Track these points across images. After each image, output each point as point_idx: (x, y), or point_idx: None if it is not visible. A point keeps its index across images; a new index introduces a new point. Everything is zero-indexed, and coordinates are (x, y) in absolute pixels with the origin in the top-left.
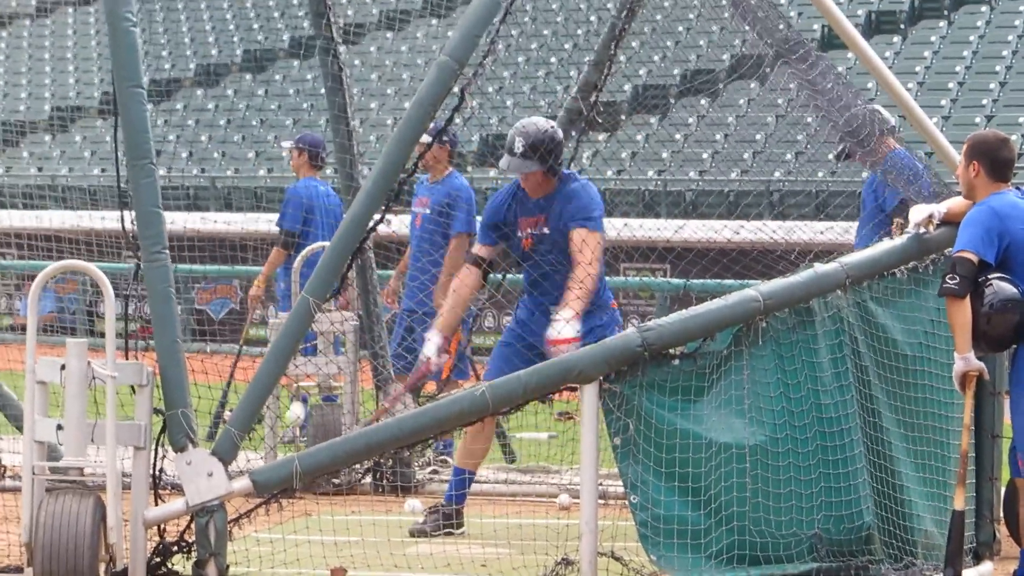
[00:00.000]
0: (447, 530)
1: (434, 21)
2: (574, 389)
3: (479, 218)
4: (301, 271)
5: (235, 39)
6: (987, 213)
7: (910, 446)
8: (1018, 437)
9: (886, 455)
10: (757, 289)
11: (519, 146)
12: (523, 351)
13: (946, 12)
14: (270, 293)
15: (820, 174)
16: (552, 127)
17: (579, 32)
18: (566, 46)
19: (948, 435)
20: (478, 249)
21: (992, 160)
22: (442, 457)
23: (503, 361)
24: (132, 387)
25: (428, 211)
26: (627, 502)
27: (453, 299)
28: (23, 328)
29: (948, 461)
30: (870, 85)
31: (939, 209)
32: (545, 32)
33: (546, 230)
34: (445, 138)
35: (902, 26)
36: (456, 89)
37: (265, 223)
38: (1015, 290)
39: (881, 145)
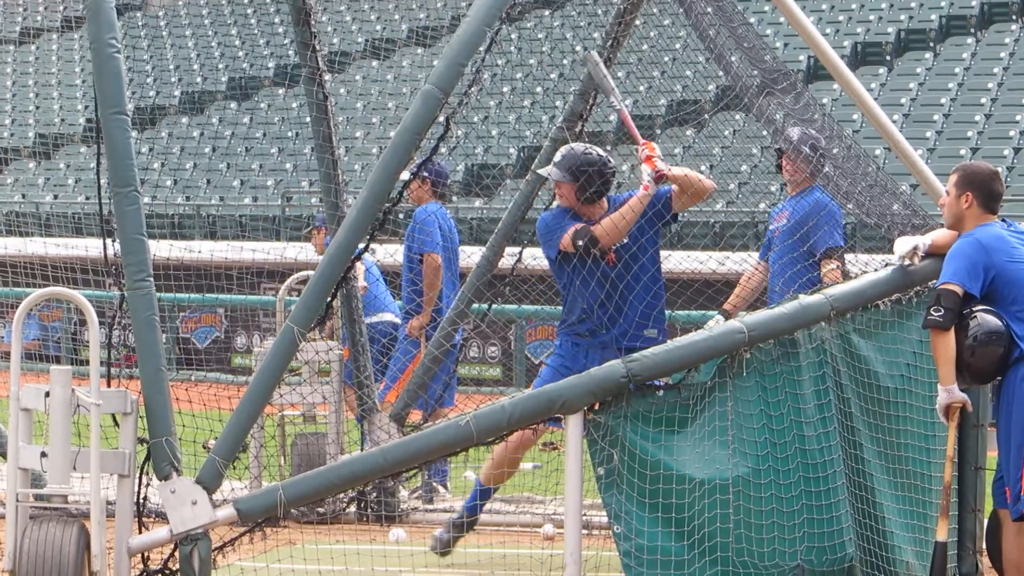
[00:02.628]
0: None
1: (419, 50)
2: (558, 420)
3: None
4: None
5: (220, 67)
6: (973, 245)
7: (892, 478)
8: (1004, 468)
9: (868, 487)
10: (742, 320)
11: (558, 156)
12: None
13: (932, 44)
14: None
15: None
16: (599, 155)
17: (565, 62)
18: (552, 76)
19: (930, 467)
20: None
21: (986, 192)
22: (434, 483)
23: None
24: (114, 416)
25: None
26: (611, 532)
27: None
28: (7, 355)
29: (929, 493)
30: (855, 116)
31: (924, 241)
32: (531, 61)
33: (626, 239)
34: (424, 173)
35: (888, 57)
36: (441, 118)
37: (249, 252)
38: (999, 323)
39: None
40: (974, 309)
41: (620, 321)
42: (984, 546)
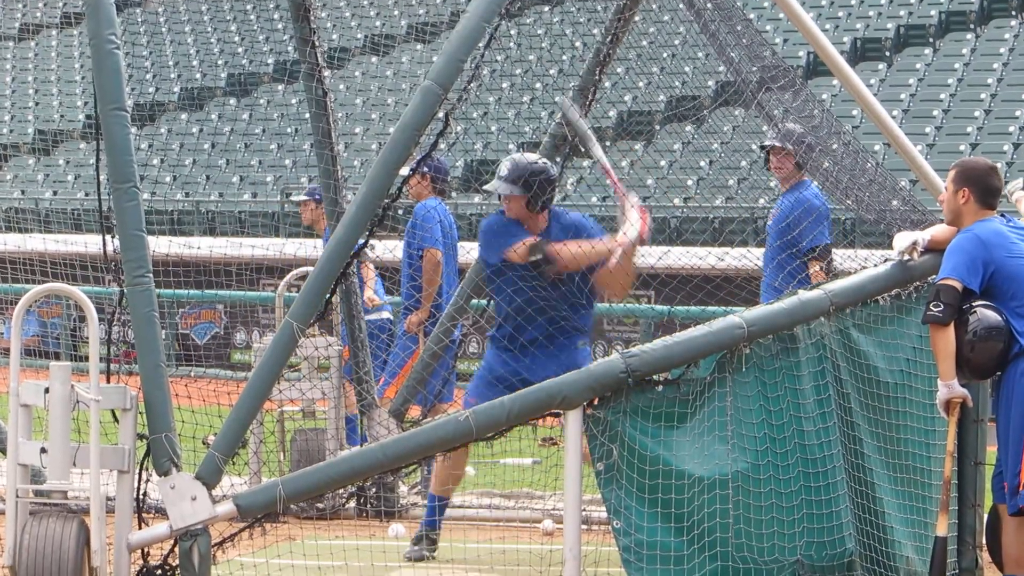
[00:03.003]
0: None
1: (419, 46)
2: (558, 415)
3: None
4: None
5: (219, 63)
6: (972, 241)
7: (891, 473)
8: (1003, 463)
9: (868, 482)
10: (741, 316)
11: (504, 170)
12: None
13: (931, 39)
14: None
15: None
16: (544, 163)
17: (564, 58)
18: (551, 72)
19: (929, 462)
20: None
21: (983, 188)
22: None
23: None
24: (113, 412)
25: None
26: (610, 527)
27: None
28: (6, 351)
29: (929, 488)
30: (855, 112)
31: (923, 236)
32: (530, 58)
33: None
34: (424, 169)
35: (887, 53)
36: (440, 114)
37: (248, 248)
38: (999, 318)
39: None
40: (973, 305)
41: (558, 336)
42: (984, 541)
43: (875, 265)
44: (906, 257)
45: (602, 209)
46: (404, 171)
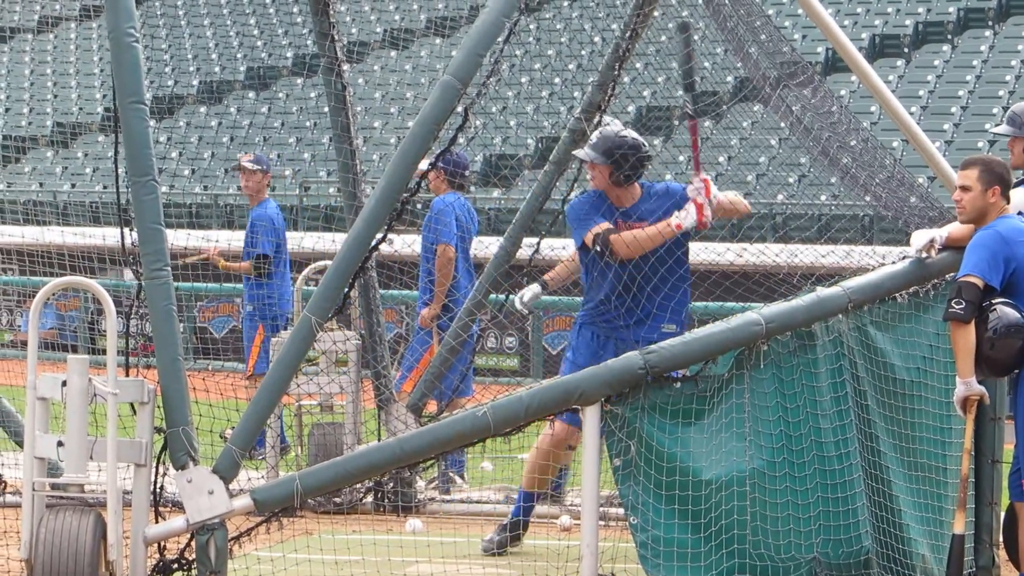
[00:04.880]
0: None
1: (438, 40)
2: (576, 411)
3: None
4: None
5: (239, 56)
6: (994, 238)
7: (908, 471)
8: (1021, 461)
9: (884, 479)
10: (759, 313)
11: (593, 138)
12: None
13: (950, 36)
14: None
15: (823, 197)
16: (635, 138)
17: (583, 53)
18: (570, 67)
19: (945, 460)
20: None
21: (1007, 184)
22: (451, 473)
23: None
24: (131, 405)
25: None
26: (627, 524)
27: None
28: (24, 344)
29: (945, 486)
30: (873, 109)
31: (941, 234)
32: (549, 52)
33: None
34: (440, 164)
35: (906, 50)
36: (460, 109)
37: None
38: (1019, 315)
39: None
40: (993, 302)
41: (637, 312)
42: (1000, 539)
43: (893, 262)
44: (924, 255)
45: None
46: (423, 165)
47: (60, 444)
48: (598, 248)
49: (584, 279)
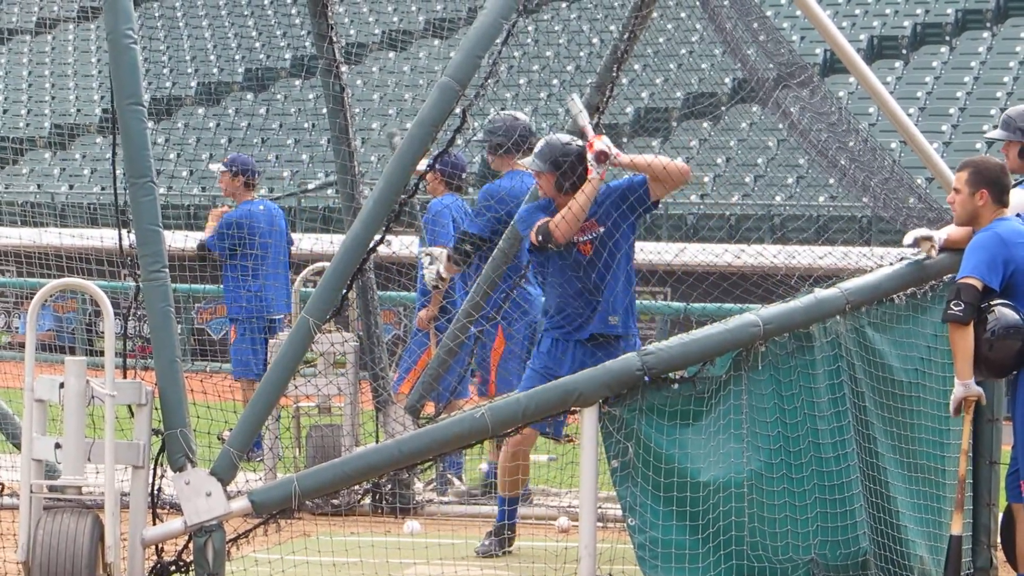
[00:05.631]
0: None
1: (436, 42)
2: (574, 412)
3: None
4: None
5: (237, 58)
6: (993, 239)
7: (905, 472)
8: (1019, 462)
9: (882, 481)
10: (757, 314)
11: (537, 147)
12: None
13: (948, 37)
14: None
15: (821, 199)
16: (577, 144)
17: (581, 54)
18: (568, 68)
19: (943, 461)
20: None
21: (999, 187)
22: (449, 475)
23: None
24: (129, 407)
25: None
26: (625, 525)
27: None
28: (21, 346)
29: (943, 487)
30: (871, 110)
31: (940, 236)
32: (547, 54)
33: (602, 229)
34: (438, 165)
35: (904, 51)
36: (458, 110)
37: None
38: (1017, 317)
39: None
40: (992, 303)
41: (599, 310)
42: (998, 540)
43: (891, 263)
44: (923, 255)
45: None
46: (421, 166)
47: (58, 446)
48: (541, 238)
49: (542, 286)
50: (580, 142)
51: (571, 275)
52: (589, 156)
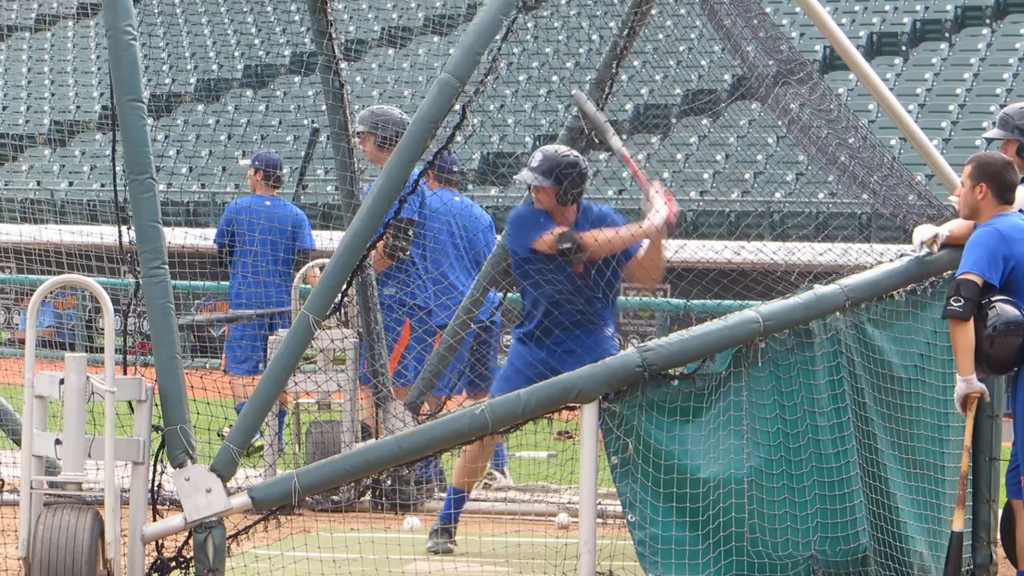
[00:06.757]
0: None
1: (436, 38)
2: (573, 409)
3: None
4: None
5: (236, 54)
6: (993, 235)
7: (905, 468)
8: (1019, 458)
9: (881, 477)
10: (757, 310)
11: (535, 161)
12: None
13: (947, 34)
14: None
15: (821, 195)
16: (576, 156)
17: (581, 51)
18: (568, 65)
19: (942, 457)
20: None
21: (1000, 183)
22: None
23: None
24: (129, 404)
25: None
26: (625, 521)
27: None
28: (21, 342)
29: (942, 484)
30: (871, 107)
31: (942, 231)
32: (547, 50)
33: None
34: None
35: (903, 48)
36: (457, 107)
37: None
38: (1018, 313)
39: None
40: (992, 299)
41: (580, 323)
42: (998, 537)
43: (891, 260)
44: (925, 250)
45: (618, 203)
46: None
47: (58, 442)
48: (566, 247)
49: (523, 292)
50: (575, 153)
51: (558, 288)
52: (661, 215)
